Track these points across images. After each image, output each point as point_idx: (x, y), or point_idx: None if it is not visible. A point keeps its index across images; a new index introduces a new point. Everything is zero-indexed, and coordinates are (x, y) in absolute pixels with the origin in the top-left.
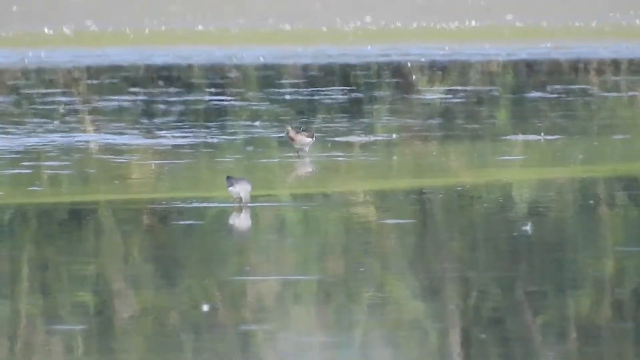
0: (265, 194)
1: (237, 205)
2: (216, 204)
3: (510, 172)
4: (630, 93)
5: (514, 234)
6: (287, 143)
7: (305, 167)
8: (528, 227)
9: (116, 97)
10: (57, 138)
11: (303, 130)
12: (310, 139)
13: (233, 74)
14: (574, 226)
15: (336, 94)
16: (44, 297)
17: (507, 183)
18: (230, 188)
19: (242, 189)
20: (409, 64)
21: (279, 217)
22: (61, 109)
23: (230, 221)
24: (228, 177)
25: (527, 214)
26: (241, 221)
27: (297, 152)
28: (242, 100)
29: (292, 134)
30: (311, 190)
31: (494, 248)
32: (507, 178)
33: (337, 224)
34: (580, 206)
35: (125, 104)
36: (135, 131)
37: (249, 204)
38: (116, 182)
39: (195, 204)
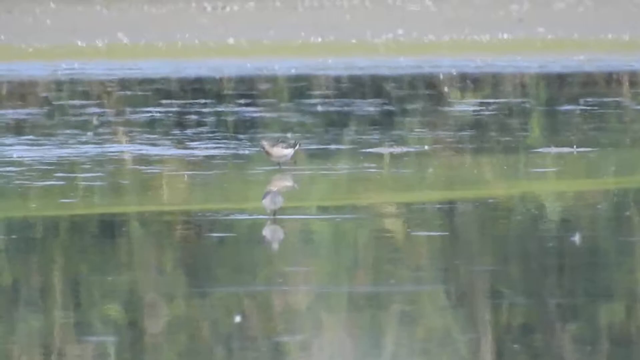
0: (297, 205)
1: (268, 217)
2: (248, 216)
3: (543, 185)
4: None
5: (547, 246)
6: (319, 155)
7: (337, 179)
8: (576, 238)
9: (148, 109)
10: (90, 149)
11: (281, 142)
12: (288, 151)
13: (264, 86)
14: (607, 239)
15: (367, 106)
16: (76, 308)
17: (540, 195)
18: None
19: (269, 201)
20: (441, 76)
21: (310, 228)
22: (94, 121)
23: (262, 233)
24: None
25: (560, 226)
26: (273, 233)
27: (279, 166)
28: (274, 111)
29: (267, 147)
30: (342, 202)
31: (526, 260)
32: (539, 190)
33: (368, 235)
34: (613, 218)
35: (158, 115)
36: (168, 142)
37: (275, 215)
38: (148, 193)
39: (227, 216)
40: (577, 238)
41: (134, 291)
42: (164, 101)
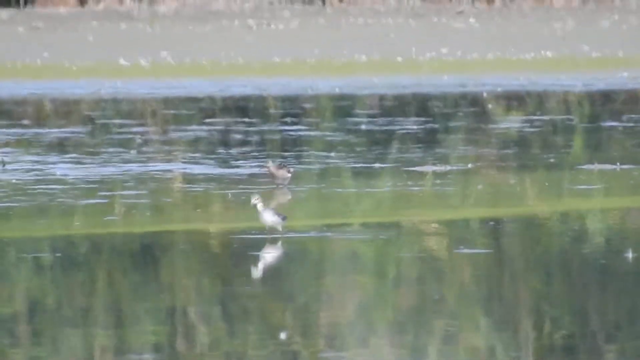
0: (340, 223)
1: (303, 234)
2: (292, 234)
3: (586, 202)
4: None
5: (591, 264)
6: (364, 173)
7: (381, 197)
8: (629, 255)
9: (192, 127)
10: (133, 168)
11: (283, 166)
12: (289, 174)
13: (309, 104)
14: None
15: (411, 124)
16: (119, 326)
17: (583, 213)
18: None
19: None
20: (485, 94)
21: (353, 246)
22: (137, 139)
23: (305, 250)
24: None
25: (604, 244)
26: (315, 250)
27: (277, 186)
28: (318, 130)
29: (273, 169)
30: (386, 219)
31: (570, 279)
32: (583, 208)
33: (411, 253)
34: None
35: (202, 134)
36: (212, 161)
37: (279, 233)
38: (192, 212)
39: (271, 234)
40: (629, 255)
41: (177, 308)
42: (208, 120)
